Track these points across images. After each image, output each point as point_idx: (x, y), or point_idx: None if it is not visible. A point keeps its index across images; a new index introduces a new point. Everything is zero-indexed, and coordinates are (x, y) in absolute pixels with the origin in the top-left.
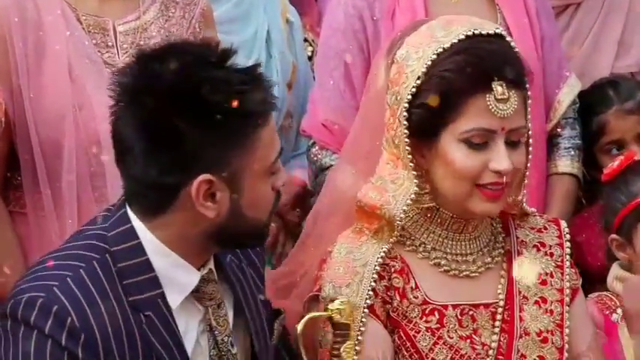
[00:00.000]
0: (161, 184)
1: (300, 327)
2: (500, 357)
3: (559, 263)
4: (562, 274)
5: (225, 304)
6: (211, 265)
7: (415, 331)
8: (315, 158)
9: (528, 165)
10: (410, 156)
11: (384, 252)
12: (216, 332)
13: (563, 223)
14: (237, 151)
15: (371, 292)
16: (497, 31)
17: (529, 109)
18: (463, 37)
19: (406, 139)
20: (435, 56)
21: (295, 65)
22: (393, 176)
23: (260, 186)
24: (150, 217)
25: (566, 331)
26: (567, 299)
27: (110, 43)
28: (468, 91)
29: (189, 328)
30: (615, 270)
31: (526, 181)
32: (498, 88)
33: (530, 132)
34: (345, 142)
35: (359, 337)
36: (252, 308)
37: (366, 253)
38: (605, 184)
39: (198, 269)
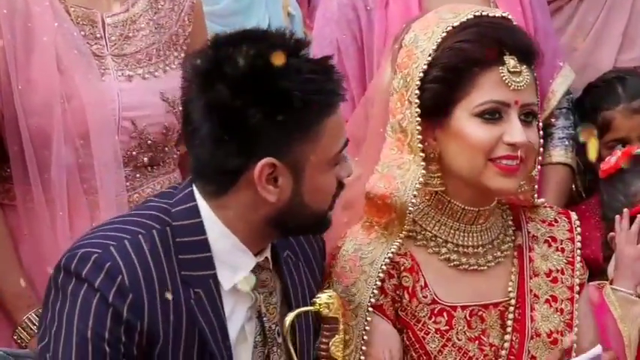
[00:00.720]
0: (226, 166)
1: (287, 322)
2: (512, 357)
3: (570, 259)
4: (572, 270)
5: (276, 294)
6: (268, 254)
7: (424, 333)
8: None
9: (541, 142)
10: (420, 136)
11: (392, 252)
12: (264, 319)
13: (574, 216)
14: (302, 138)
15: (376, 291)
16: (505, 14)
17: (537, 90)
18: (472, 16)
19: (417, 119)
20: (445, 34)
21: None
22: (399, 161)
23: (323, 175)
24: (213, 197)
25: (575, 330)
26: (577, 296)
27: (99, 35)
28: (482, 63)
29: (236, 312)
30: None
31: (537, 170)
32: (511, 61)
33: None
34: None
35: (364, 337)
36: (300, 305)
37: (374, 252)
38: (603, 179)
39: (255, 255)
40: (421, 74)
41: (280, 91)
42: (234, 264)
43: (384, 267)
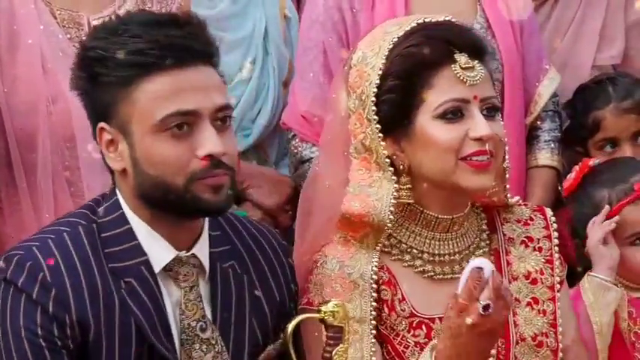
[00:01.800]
0: (95, 139)
1: (290, 329)
2: None
3: (548, 257)
4: (552, 269)
5: (202, 293)
6: (199, 253)
7: (404, 347)
8: (296, 151)
9: (507, 149)
10: (385, 151)
11: (375, 261)
12: (182, 316)
13: (549, 212)
14: (120, 101)
15: (374, 304)
16: (447, 18)
17: (496, 85)
18: (415, 24)
19: (379, 134)
20: (391, 46)
21: (292, 62)
22: (369, 180)
23: (153, 141)
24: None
25: (560, 329)
26: (558, 295)
27: (85, 37)
28: (433, 64)
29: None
30: None
31: (508, 167)
32: (462, 58)
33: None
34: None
35: (373, 349)
36: (226, 314)
37: (359, 265)
38: (567, 198)
39: (181, 250)
40: (375, 89)
41: (94, 51)
42: (152, 253)
43: (374, 276)
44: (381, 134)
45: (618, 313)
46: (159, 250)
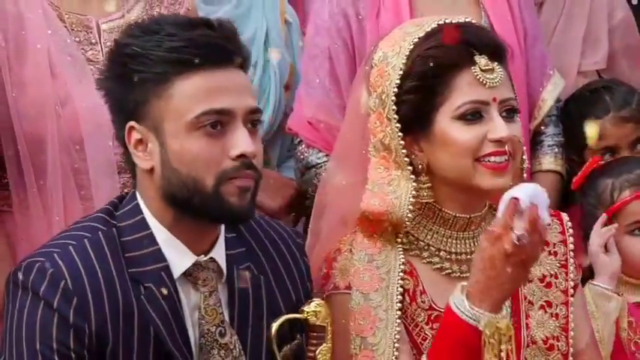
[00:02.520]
0: (119, 140)
1: (274, 329)
2: None
3: (563, 262)
4: (566, 273)
5: (222, 298)
6: (217, 256)
7: (422, 338)
8: (302, 156)
9: (524, 149)
10: (404, 151)
11: (402, 258)
12: (202, 321)
13: (566, 217)
14: (153, 99)
15: (400, 297)
16: (468, 19)
17: (514, 84)
18: (435, 25)
19: (399, 134)
20: (412, 46)
21: (293, 66)
22: (388, 179)
23: (186, 139)
24: (135, 184)
25: (571, 333)
26: (572, 300)
27: (94, 41)
28: (454, 66)
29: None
30: None
31: (525, 168)
32: (482, 60)
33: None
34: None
35: (396, 345)
36: (244, 316)
37: (387, 260)
38: (575, 191)
39: (200, 254)
40: (395, 89)
41: (126, 50)
42: (172, 259)
43: (401, 274)
44: (400, 133)
45: (618, 322)
46: (178, 256)
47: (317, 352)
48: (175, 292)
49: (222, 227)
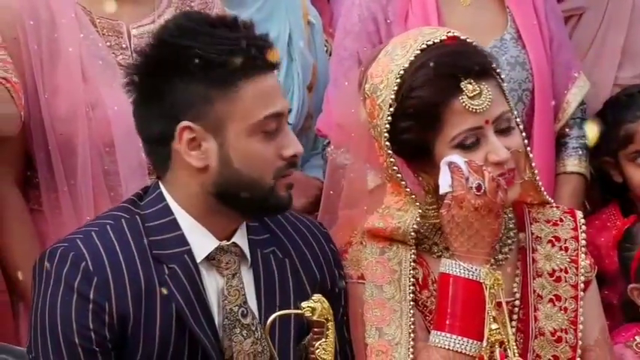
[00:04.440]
0: (154, 137)
1: (268, 324)
2: None
3: (573, 257)
4: (577, 268)
5: (245, 281)
6: (240, 241)
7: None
8: (331, 157)
9: (526, 143)
10: (403, 182)
11: (413, 250)
12: (225, 302)
13: (579, 214)
14: (217, 101)
15: (412, 287)
16: (450, 34)
17: (507, 93)
18: (419, 51)
19: (394, 167)
20: (399, 80)
21: (316, 67)
22: (399, 204)
23: (250, 141)
24: (162, 177)
25: (580, 327)
26: (581, 294)
27: (124, 46)
28: (442, 101)
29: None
30: None
31: (536, 172)
32: (468, 86)
33: (517, 116)
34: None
35: (412, 334)
36: (271, 300)
37: (399, 252)
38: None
39: (223, 240)
40: (387, 126)
41: (185, 53)
42: (195, 244)
43: (412, 264)
44: (395, 167)
45: None
46: (202, 240)
47: (316, 346)
48: (198, 275)
49: None
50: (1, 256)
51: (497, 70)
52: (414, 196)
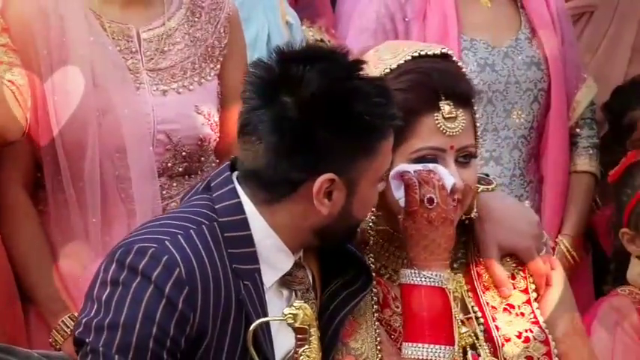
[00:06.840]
0: (288, 178)
1: (250, 331)
2: None
3: (518, 260)
4: (523, 271)
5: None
6: (301, 252)
7: (400, 344)
8: None
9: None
10: None
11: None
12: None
13: None
14: (362, 158)
15: (375, 298)
16: (444, 51)
17: (477, 128)
18: (409, 57)
19: None
20: (382, 76)
21: None
22: None
23: (371, 190)
24: (263, 203)
25: (544, 325)
26: (534, 295)
27: (134, 49)
28: (418, 111)
29: (273, 311)
30: (637, 266)
31: (475, 216)
32: (446, 107)
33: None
34: None
35: (378, 347)
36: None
37: None
38: (612, 184)
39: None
40: None
41: (351, 114)
42: (274, 263)
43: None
44: None
45: None
46: (283, 259)
47: (299, 353)
48: (263, 293)
49: None
50: (12, 260)
51: (475, 107)
52: None
